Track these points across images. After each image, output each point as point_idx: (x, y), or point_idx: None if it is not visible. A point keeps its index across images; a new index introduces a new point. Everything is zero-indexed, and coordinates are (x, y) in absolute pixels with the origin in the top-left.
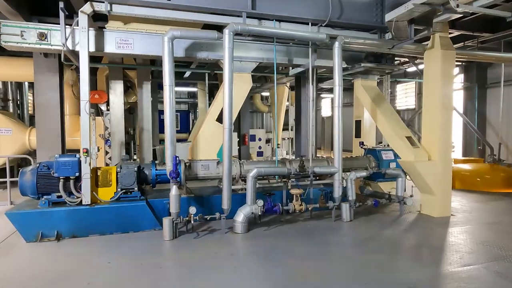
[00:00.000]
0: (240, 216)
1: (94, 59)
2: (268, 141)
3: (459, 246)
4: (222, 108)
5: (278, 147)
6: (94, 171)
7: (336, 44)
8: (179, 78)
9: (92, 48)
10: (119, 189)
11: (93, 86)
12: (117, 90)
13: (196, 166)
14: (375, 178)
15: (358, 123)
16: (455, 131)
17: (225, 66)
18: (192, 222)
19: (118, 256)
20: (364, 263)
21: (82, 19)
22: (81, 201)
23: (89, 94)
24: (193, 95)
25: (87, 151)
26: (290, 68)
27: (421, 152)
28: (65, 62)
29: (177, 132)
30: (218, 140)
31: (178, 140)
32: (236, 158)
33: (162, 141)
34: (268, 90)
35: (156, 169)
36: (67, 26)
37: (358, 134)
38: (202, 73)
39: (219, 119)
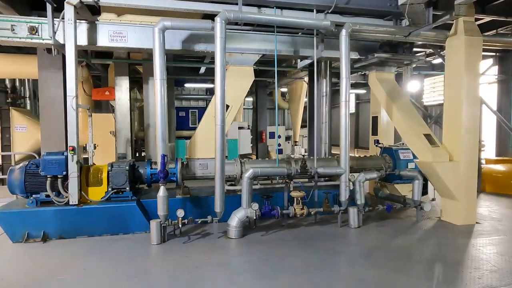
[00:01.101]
0: (234, 220)
1: (104, 54)
2: (288, 138)
3: (481, 261)
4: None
5: (295, 145)
6: (85, 169)
7: (343, 32)
8: (195, 74)
9: (84, 42)
10: (110, 189)
11: (105, 83)
12: (122, 86)
13: (194, 165)
14: (391, 179)
15: (375, 120)
16: (487, 128)
17: (217, 58)
18: (180, 226)
19: (98, 261)
20: (364, 280)
21: (69, 10)
22: (68, 201)
23: (77, 89)
24: (211, 92)
25: (73, 149)
26: (299, 60)
27: (441, 151)
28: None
29: (195, 129)
30: None
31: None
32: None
33: (177, 138)
34: (286, 85)
35: (152, 168)
36: (56, 19)
37: (375, 132)
38: None
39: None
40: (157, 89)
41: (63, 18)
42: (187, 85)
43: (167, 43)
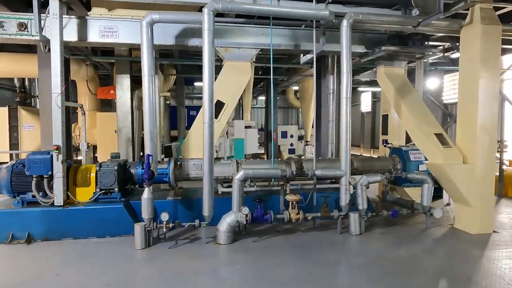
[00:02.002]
0: (224, 225)
1: (110, 52)
2: (300, 138)
3: (494, 277)
4: (216, 101)
5: (307, 145)
6: (74, 169)
7: (344, 23)
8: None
9: (74, 38)
10: (98, 189)
11: (111, 81)
12: (123, 85)
13: (188, 165)
14: (400, 182)
15: (386, 118)
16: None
17: (205, 52)
18: (165, 230)
19: (75, 267)
20: None
21: (53, 5)
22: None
23: (62, 86)
24: None
25: (57, 148)
26: (301, 55)
27: (454, 153)
28: (67, 56)
29: None
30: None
31: None
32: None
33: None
34: (297, 83)
35: (143, 168)
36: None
37: (385, 131)
38: None
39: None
40: (144, 86)
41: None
42: (196, 83)
43: (160, 38)
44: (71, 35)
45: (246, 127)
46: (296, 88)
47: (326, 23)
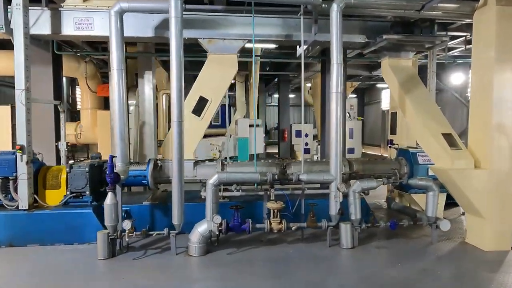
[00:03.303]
0: (196, 235)
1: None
2: (315, 137)
3: None
4: (199, 98)
5: (320, 144)
6: (44, 170)
7: (334, 7)
8: None
9: (47, 31)
10: (68, 192)
11: None
12: None
13: (168, 167)
14: (407, 188)
15: (394, 116)
16: None
17: (172, 42)
18: (127, 239)
19: (24, 278)
20: None
21: None
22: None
23: (27, 82)
24: (233, 87)
25: (21, 148)
26: (298, 47)
27: (464, 156)
28: (58, 51)
29: (217, 127)
30: (194, 136)
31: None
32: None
33: None
34: (310, 79)
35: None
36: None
37: (393, 130)
38: (243, 63)
39: (195, 110)
40: (114, 81)
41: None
42: None
43: (138, 30)
44: (44, 28)
45: (250, 125)
46: (309, 84)
47: (314, 8)
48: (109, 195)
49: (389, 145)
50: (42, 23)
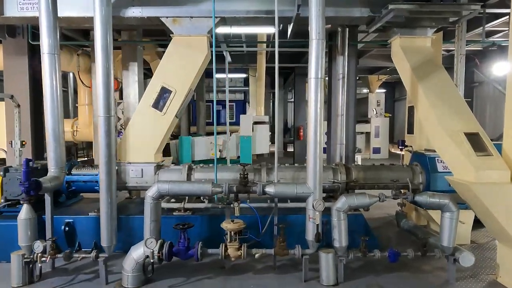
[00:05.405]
0: (130, 262)
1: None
2: None
3: None
4: (161, 88)
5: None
6: None
7: None
8: (221, 63)
9: None
10: (3, 200)
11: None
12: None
13: (125, 171)
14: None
15: (411, 111)
16: None
17: (96, 19)
18: (40, 265)
19: None
20: None
21: None
22: None
23: None
24: (246, 82)
25: None
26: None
27: (496, 164)
28: (33, 42)
29: (232, 124)
30: (155, 134)
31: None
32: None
33: (193, 134)
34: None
35: (71, 174)
36: None
37: (410, 129)
38: (253, 55)
39: (156, 104)
40: (44, 68)
41: None
42: (218, 75)
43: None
44: None
45: (255, 122)
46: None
47: None
48: (24, 208)
49: (401, 146)
50: None
